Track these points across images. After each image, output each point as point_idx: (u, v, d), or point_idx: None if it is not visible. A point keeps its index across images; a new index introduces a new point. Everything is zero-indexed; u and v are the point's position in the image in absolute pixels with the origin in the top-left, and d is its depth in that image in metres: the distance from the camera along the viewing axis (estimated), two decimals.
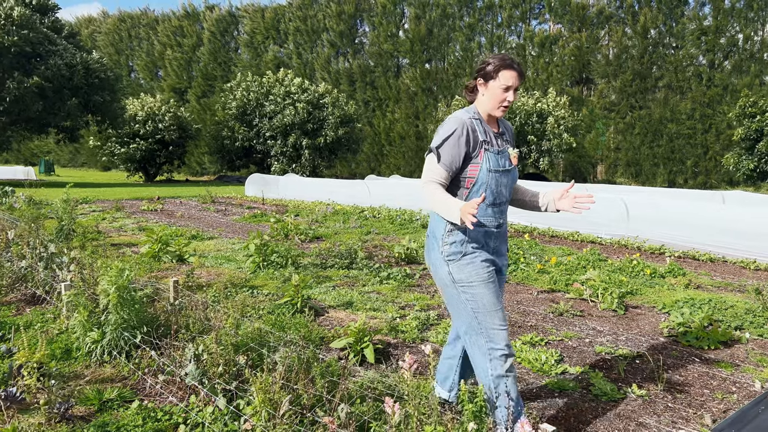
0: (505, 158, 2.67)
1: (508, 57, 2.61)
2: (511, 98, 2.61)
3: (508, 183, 2.70)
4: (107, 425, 2.87)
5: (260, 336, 3.71)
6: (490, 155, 2.61)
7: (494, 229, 2.69)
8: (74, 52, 24.23)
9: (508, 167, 2.67)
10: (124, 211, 13.42)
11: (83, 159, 52.28)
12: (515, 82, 2.59)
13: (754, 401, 3.63)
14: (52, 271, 5.38)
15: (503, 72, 2.57)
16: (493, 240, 2.71)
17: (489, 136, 2.65)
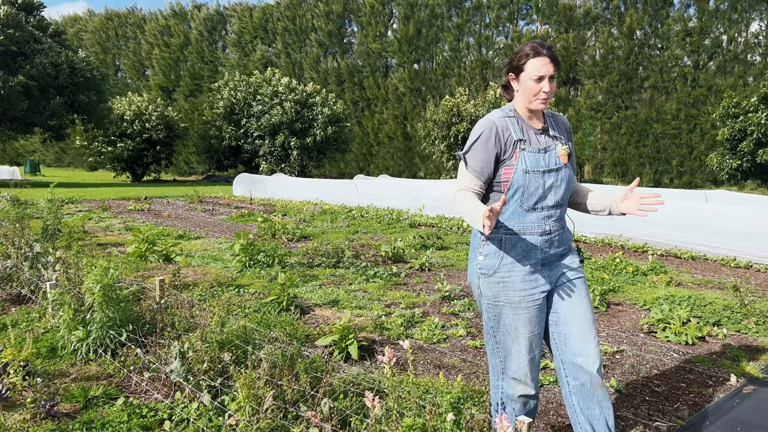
0: (551, 156, 2.39)
1: (537, 43, 2.34)
2: (548, 88, 2.31)
3: (557, 184, 2.38)
4: (92, 422, 2.90)
5: (245, 334, 3.74)
6: (527, 155, 2.36)
7: (539, 238, 2.37)
8: (60, 51, 24.05)
9: (553, 166, 2.37)
10: (111, 211, 13.37)
11: (69, 159, 51.85)
12: (548, 70, 2.31)
13: (730, 394, 3.73)
14: (37, 271, 5.38)
15: (532, 61, 2.31)
16: (541, 252, 2.38)
17: (527, 134, 2.39)
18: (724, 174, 21.88)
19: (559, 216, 2.43)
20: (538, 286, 2.40)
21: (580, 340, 2.38)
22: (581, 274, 2.51)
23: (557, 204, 2.41)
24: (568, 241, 2.51)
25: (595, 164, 32.29)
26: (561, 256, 2.48)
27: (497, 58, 35.62)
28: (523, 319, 2.40)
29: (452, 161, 25.43)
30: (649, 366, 4.15)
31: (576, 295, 2.43)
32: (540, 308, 2.42)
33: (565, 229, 2.49)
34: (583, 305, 2.44)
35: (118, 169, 33.29)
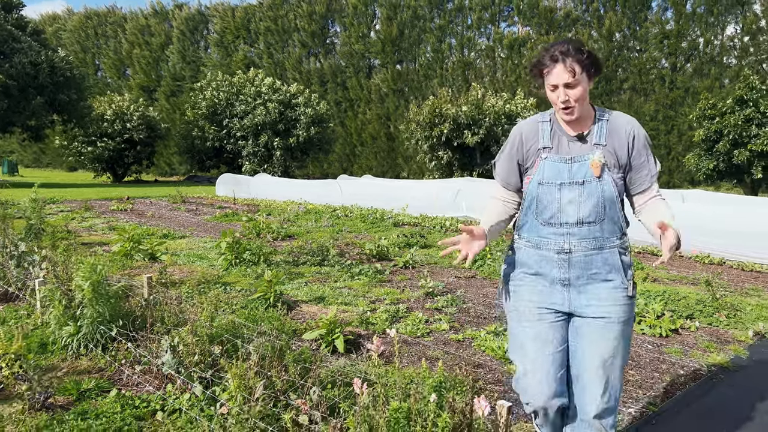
0: (581, 168, 2.13)
1: (550, 48, 2.11)
2: (564, 97, 2.08)
3: (580, 199, 2.12)
4: (87, 413, 2.97)
5: (234, 328, 3.84)
6: (548, 164, 2.17)
7: (555, 255, 2.17)
8: (39, 50, 23.79)
9: (578, 179, 2.12)
10: (94, 211, 13.31)
11: (48, 159, 51.13)
12: (561, 78, 2.06)
13: (700, 383, 3.92)
14: (24, 269, 5.41)
15: (545, 68, 2.12)
16: (560, 270, 2.17)
17: (557, 142, 2.19)
18: (701, 174, 22.33)
19: (586, 235, 2.13)
20: (550, 303, 2.22)
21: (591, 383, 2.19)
22: (613, 312, 2.14)
23: (581, 221, 2.12)
24: (609, 268, 2.14)
25: None
26: (593, 282, 2.15)
27: (479, 59, 35.95)
28: (529, 333, 2.24)
29: (435, 161, 25.60)
30: None
31: (602, 337, 2.15)
32: (552, 326, 2.21)
33: (603, 251, 2.13)
34: (607, 348, 2.14)
35: (98, 169, 32.94)
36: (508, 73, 34.05)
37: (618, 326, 2.16)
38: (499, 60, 34.82)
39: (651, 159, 2.19)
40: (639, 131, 2.17)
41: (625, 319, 2.17)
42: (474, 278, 6.96)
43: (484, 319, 5.21)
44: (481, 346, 4.38)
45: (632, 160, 2.16)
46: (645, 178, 2.18)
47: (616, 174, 2.15)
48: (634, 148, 2.15)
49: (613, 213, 2.15)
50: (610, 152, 2.14)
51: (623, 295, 2.16)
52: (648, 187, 2.19)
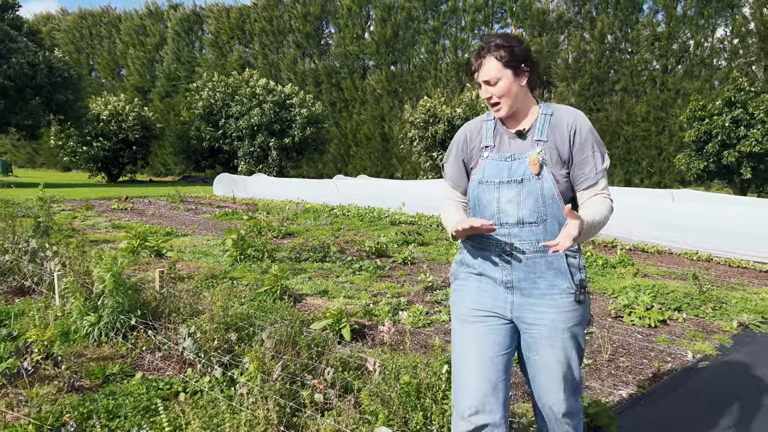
0: (520, 165, 2.04)
1: (479, 45, 2.08)
2: (486, 94, 2.07)
3: (519, 198, 2.02)
4: (115, 393, 3.19)
5: (247, 317, 4.06)
6: (489, 163, 2.10)
7: (497, 258, 2.07)
8: (36, 50, 23.88)
9: (517, 177, 2.03)
10: (95, 210, 13.47)
11: (42, 159, 51.05)
12: (485, 74, 2.04)
13: (685, 368, 4.17)
14: (38, 265, 5.60)
15: (471, 67, 2.10)
16: (503, 272, 2.06)
17: (499, 140, 2.13)
18: (691, 175, 22.71)
19: (527, 236, 2.02)
20: (492, 307, 2.10)
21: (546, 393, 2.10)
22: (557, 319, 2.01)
23: (522, 221, 2.02)
24: (554, 272, 2.01)
25: None
26: (537, 285, 2.03)
27: None
28: (469, 334, 2.12)
29: (429, 162, 25.86)
30: (616, 345, 4.57)
31: (549, 345, 2.04)
32: (493, 329, 2.09)
33: (547, 254, 2.00)
34: (555, 356, 2.04)
35: (93, 169, 33.03)
36: None
37: (564, 335, 2.01)
38: None
39: (597, 154, 2.02)
40: (582, 125, 2.03)
41: (571, 325, 2.02)
42: None
43: None
44: None
45: (574, 155, 2.02)
46: (589, 174, 2.01)
47: (558, 171, 2.02)
48: (576, 143, 2.01)
49: (557, 212, 1.99)
50: (551, 148, 2.03)
51: (569, 301, 2.01)
52: (592, 184, 2.02)
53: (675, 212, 9.88)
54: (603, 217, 1.97)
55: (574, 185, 2.06)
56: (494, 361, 2.05)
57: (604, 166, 2.03)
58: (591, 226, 1.90)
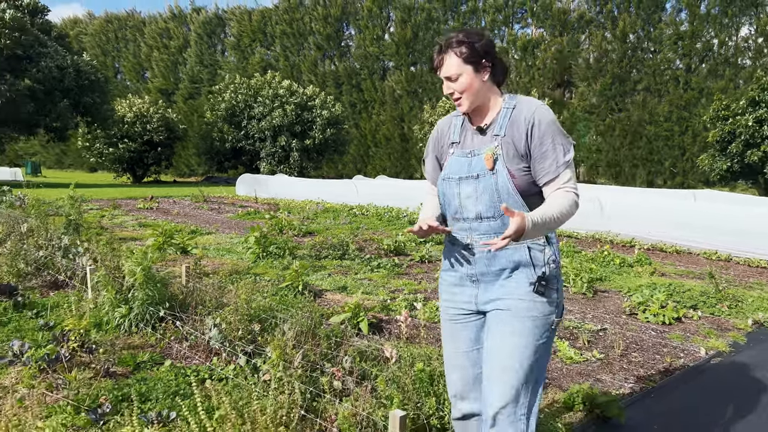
0: (478, 161, 2.05)
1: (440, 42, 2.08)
2: (447, 90, 2.08)
3: (476, 194, 2.05)
4: (146, 379, 3.38)
5: (269, 310, 4.24)
6: (453, 159, 2.14)
7: (462, 251, 2.12)
8: (65, 54, 24.52)
9: (474, 173, 2.05)
10: (122, 209, 13.84)
11: (70, 161, 52.20)
12: (445, 71, 2.04)
13: (698, 364, 4.24)
14: (70, 260, 5.85)
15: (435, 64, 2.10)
16: (467, 266, 2.12)
17: (464, 136, 2.16)
18: (715, 175, 22.44)
19: (486, 230, 2.05)
20: (462, 302, 2.17)
21: (488, 381, 2.06)
22: (512, 305, 2.02)
23: (480, 216, 2.05)
24: (515, 264, 2.03)
25: (589, 165, 32.87)
26: (499, 278, 2.06)
27: None
28: (446, 330, 2.25)
29: None
30: (629, 341, 4.65)
31: (498, 331, 2.04)
32: (465, 326, 2.18)
33: (508, 248, 2.00)
34: (502, 344, 2.01)
35: (119, 170, 33.75)
36: (521, 74, 34.29)
37: (518, 321, 1.99)
38: (513, 62, 35.06)
39: (558, 147, 1.97)
40: (541, 118, 1.98)
41: (529, 315, 1.99)
42: None
43: None
44: None
45: (533, 149, 1.98)
46: (549, 168, 1.97)
47: (516, 165, 1.99)
48: (534, 137, 1.97)
49: (514, 207, 1.97)
50: (508, 143, 2.00)
51: (526, 291, 2.00)
52: (553, 178, 1.97)
53: (696, 212, 9.86)
54: (561, 213, 1.91)
55: (537, 180, 2.01)
56: (469, 355, 2.17)
57: (566, 159, 1.96)
58: (545, 222, 1.85)
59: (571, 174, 1.99)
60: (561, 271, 2.18)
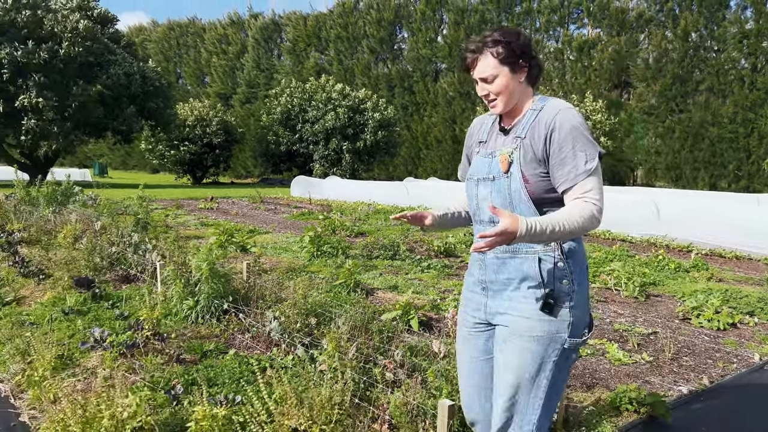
0: (495, 163, 1.98)
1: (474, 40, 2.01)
2: (483, 91, 1.99)
3: (490, 196, 1.99)
4: (213, 366, 3.66)
5: (324, 305, 4.47)
6: (477, 159, 2.10)
7: (476, 254, 2.06)
8: (131, 61, 25.79)
9: (490, 175, 1.99)
10: (184, 209, 14.51)
11: (134, 162, 54.57)
12: (480, 72, 1.96)
13: (750, 369, 4.20)
14: (140, 256, 6.27)
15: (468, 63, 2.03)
16: (479, 270, 2.06)
17: (490, 136, 2.09)
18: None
19: None
20: (473, 309, 2.14)
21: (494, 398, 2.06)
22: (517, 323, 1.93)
23: (492, 220, 1.98)
24: (522, 275, 1.92)
25: (648, 168, 31.96)
26: (507, 288, 1.98)
27: (547, 62, 35.70)
28: (459, 336, 2.23)
29: None
30: (680, 345, 4.64)
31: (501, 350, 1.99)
32: (474, 335, 2.13)
33: (518, 256, 1.93)
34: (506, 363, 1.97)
35: (179, 171, 35.14)
36: (577, 75, 33.68)
37: (520, 341, 1.92)
38: (567, 62, 34.48)
39: (579, 154, 1.83)
40: (562, 122, 1.86)
41: (532, 336, 1.90)
42: None
43: None
44: None
45: (551, 155, 1.87)
46: (568, 176, 1.84)
47: (532, 170, 1.90)
48: (553, 142, 1.86)
49: (524, 211, 1.89)
50: (527, 145, 1.91)
51: (532, 309, 1.89)
52: (572, 187, 1.84)
53: (759, 217, 9.55)
54: (571, 223, 1.75)
55: (556, 187, 1.89)
56: (477, 363, 2.13)
57: (587, 168, 1.82)
58: (545, 229, 1.71)
59: (593, 184, 1.82)
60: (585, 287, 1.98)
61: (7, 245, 7.52)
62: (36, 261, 6.58)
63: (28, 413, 3.20)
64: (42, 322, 4.52)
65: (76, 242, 7.11)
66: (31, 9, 22.62)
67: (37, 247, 7.60)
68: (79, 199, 12.20)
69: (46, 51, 21.97)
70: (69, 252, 6.77)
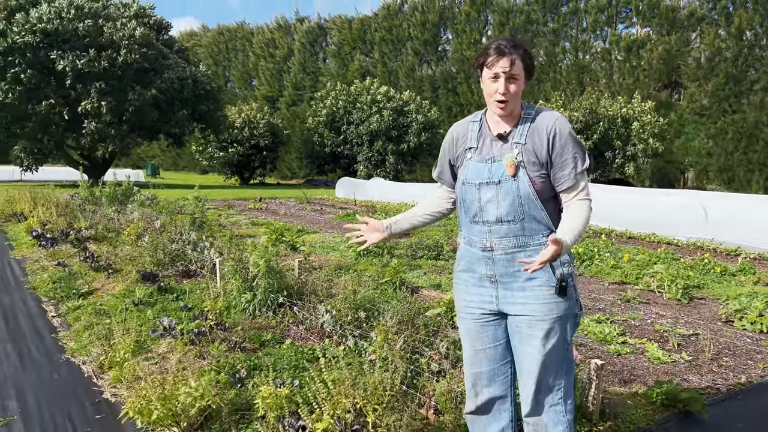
0: (499, 167, 2.17)
1: (497, 39, 2.15)
2: (503, 89, 2.10)
3: (497, 198, 2.16)
4: (271, 354, 3.98)
5: (372, 300, 4.74)
6: (471, 164, 2.24)
7: (480, 252, 2.24)
8: (184, 66, 26.82)
9: (495, 179, 2.16)
10: (235, 209, 15.09)
11: (184, 163, 56.33)
12: (503, 68, 2.09)
13: None
14: (199, 252, 6.69)
15: (489, 59, 2.12)
16: (486, 267, 2.23)
17: (482, 142, 2.25)
18: None
19: (506, 233, 2.17)
20: (481, 302, 2.29)
21: (529, 377, 2.26)
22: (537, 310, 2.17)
23: (500, 220, 2.17)
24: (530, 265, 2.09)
25: (699, 170, 31.09)
26: (519, 280, 2.19)
27: (594, 63, 35.18)
28: (463, 329, 2.39)
29: None
30: (721, 346, 4.71)
31: (530, 335, 2.20)
32: (484, 325, 2.31)
33: (527, 249, 2.17)
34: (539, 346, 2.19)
35: (228, 173, 36.20)
36: (625, 75, 33.04)
37: (544, 323, 2.17)
38: (615, 62, 33.88)
39: (577, 157, 2.15)
40: (561, 129, 2.14)
41: (553, 317, 2.16)
42: (581, 276, 7.44)
43: (590, 310, 5.73)
44: (584, 331, 4.95)
45: (554, 158, 2.15)
46: (569, 176, 2.14)
47: (536, 172, 2.15)
48: (555, 146, 2.13)
49: (534, 212, 2.15)
50: (529, 150, 2.15)
51: (549, 293, 2.15)
52: (571, 186, 2.15)
53: None
54: (584, 224, 2.13)
55: (555, 186, 2.19)
56: (488, 352, 2.32)
57: (583, 168, 2.16)
58: (575, 238, 2.08)
59: (585, 181, 2.19)
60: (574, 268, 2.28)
61: (77, 242, 8.10)
62: (104, 256, 7.09)
63: (109, 391, 3.58)
64: (115, 311, 4.95)
65: (138, 239, 7.61)
66: (92, 18, 23.83)
67: (104, 243, 8.16)
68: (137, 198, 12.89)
69: (105, 59, 23.12)
70: (133, 248, 7.28)
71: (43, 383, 3.71)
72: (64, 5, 23.53)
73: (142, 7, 26.74)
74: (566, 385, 2.27)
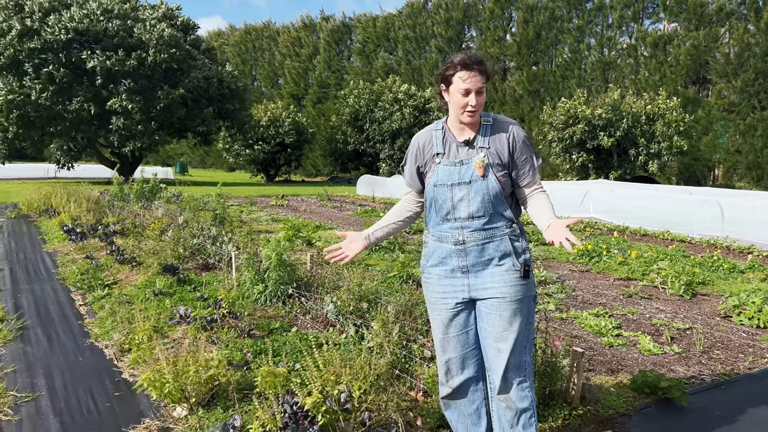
0: (468, 169, 2.43)
1: (467, 55, 2.37)
2: (474, 102, 2.36)
3: (469, 196, 2.42)
4: (278, 340, 4.26)
5: (375, 292, 4.99)
6: (441, 168, 2.47)
7: (453, 247, 2.47)
8: (210, 65, 27.43)
9: (466, 179, 2.42)
10: (257, 206, 15.50)
11: (211, 161, 57.35)
12: (475, 84, 2.34)
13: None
14: (218, 247, 7.03)
15: (460, 74, 2.35)
16: (458, 259, 2.46)
17: (448, 147, 2.50)
18: None
19: (477, 227, 2.42)
20: (453, 292, 2.50)
21: (498, 355, 2.47)
22: (506, 292, 2.42)
23: (472, 216, 2.42)
24: (501, 253, 2.43)
25: (726, 168, 30.59)
26: (488, 267, 2.45)
27: (620, 59, 34.80)
28: (436, 320, 2.58)
29: (569, 164, 25.53)
30: (715, 340, 4.84)
31: (500, 315, 2.43)
32: (456, 314, 2.52)
33: (494, 240, 2.44)
34: (508, 324, 2.43)
35: (254, 170, 36.83)
36: (651, 72, 32.63)
37: (512, 305, 2.42)
38: (641, 59, 33.47)
39: (532, 156, 2.50)
40: (518, 133, 2.47)
41: (519, 298, 2.43)
42: (588, 272, 7.58)
43: (590, 305, 5.90)
44: (582, 324, 5.13)
45: (515, 158, 2.46)
46: (529, 173, 2.49)
47: (499, 172, 2.43)
48: (516, 149, 2.45)
49: (500, 206, 2.44)
50: (493, 153, 2.43)
51: (515, 276, 2.43)
52: (531, 181, 2.51)
53: None
54: (552, 207, 2.50)
55: (518, 182, 2.51)
56: (460, 338, 2.54)
57: (539, 164, 2.53)
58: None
59: (539, 175, 2.57)
60: None
61: (104, 236, 8.54)
62: (129, 250, 7.49)
63: (128, 372, 3.91)
64: (136, 300, 5.30)
65: (162, 234, 8.00)
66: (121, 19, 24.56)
67: (129, 238, 8.58)
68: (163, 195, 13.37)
69: (135, 59, 23.82)
70: (156, 243, 7.66)
71: (68, 364, 4.06)
72: (94, 7, 24.30)
73: (170, 8, 27.43)
74: (529, 363, 2.54)
